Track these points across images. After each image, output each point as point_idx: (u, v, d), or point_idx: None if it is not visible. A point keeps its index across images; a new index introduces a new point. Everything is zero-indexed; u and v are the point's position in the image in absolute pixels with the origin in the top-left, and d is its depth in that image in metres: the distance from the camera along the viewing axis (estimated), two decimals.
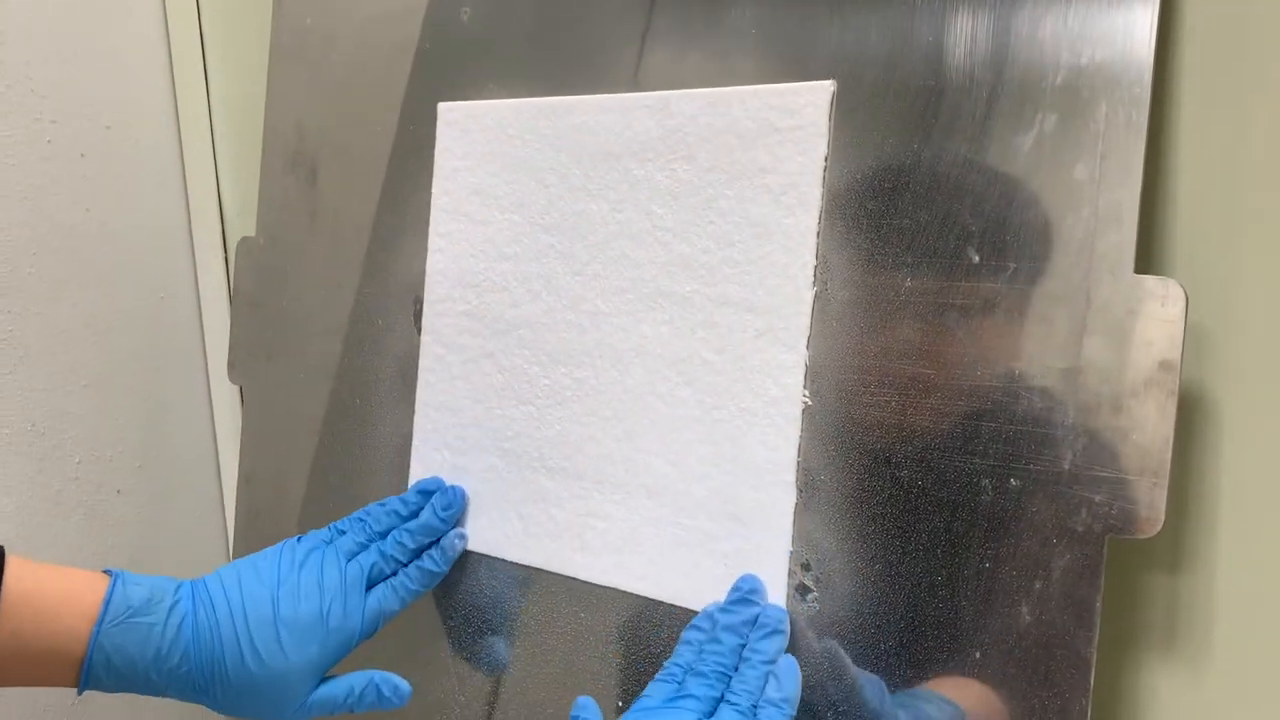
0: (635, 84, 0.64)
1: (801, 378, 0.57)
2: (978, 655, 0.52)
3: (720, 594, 0.58)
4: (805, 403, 0.57)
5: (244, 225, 0.89)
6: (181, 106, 0.90)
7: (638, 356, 0.63)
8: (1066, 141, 0.50)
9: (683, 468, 0.61)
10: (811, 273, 0.57)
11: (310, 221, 0.80)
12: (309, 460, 0.80)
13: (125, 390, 0.86)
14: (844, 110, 0.56)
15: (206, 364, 0.92)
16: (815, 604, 0.57)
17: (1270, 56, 0.50)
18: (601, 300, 0.64)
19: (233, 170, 0.90)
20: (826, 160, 0.56)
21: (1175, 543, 0.53)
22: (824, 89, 0.57)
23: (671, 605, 0.61)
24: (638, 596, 0.62)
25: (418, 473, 0.73)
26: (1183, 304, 0.47)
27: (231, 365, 0.85)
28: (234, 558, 0.84)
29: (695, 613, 0.59)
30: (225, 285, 0.90)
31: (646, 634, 0.62)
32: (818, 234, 0.57)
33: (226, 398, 0.92)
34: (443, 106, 0.72)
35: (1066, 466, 0.50)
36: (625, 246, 0.63)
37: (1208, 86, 0.52)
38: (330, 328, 0.79)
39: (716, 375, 0.60)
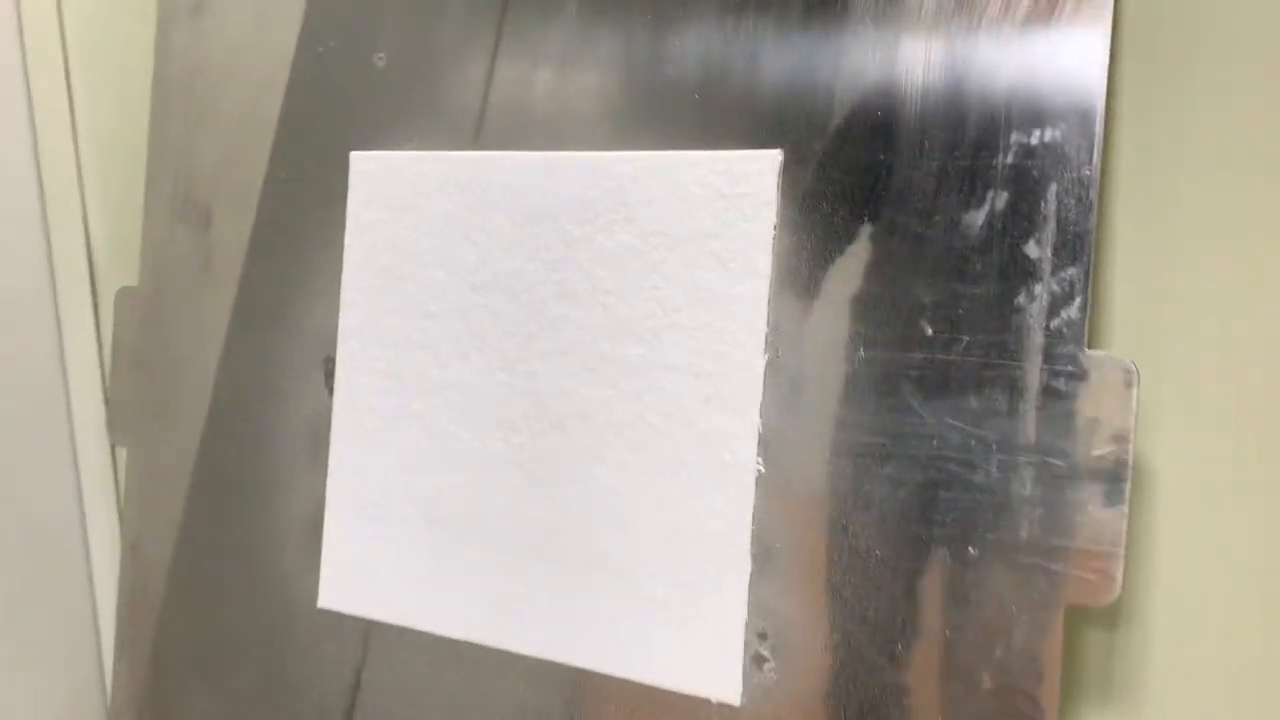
0: (565, 143, 0.63)
1: (754, 445, 0.57)
2: None
3: (674, 666, 0.57)
4: (758, 470, 0.57)
5: (118, 273, 0.82)
6: (42, 142, 0.83)
7: (580, 421, 0.61)
8: (1018, 219, 0.51)
9: (631, 536, 0.60)
10: (763, 340, 0.57)
11: (203, 271, 0.75)
12: (206, 528, 0.74)
13: None
14: (790, 179, 0.56)
15: (71, 424, 0.84)
16: (772, 674, 0.56)
17: (1206, 135, 0.53)
18: (539, 362, 0.62)
19: (104, 213, 0.83)
20: (775, 229, 0.56)
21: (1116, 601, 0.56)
22: (772, 157, 0.57)
23: (624, 679, 0.60)
24: (584, 670, 0.61)
25: (333, 542, 0.69)
26: (1134, 379, 0.49)
27: (112, 424, 0.79)
28: (118, 633, 0.78)
29: (647, 687, 0.58)
30: (95, 339, 0.83)
31: (595, 710, 0.61)
32: (768, 301, 0.57)
33: (97, 461, 0.84)
34: (355, 156, 0.69)
35: (1025, 536, 0.51)
36: (564, 308, 0.62)
37: (1143, 164, 0.54)
38: (228, 385, 0.74)
39: (665, 441, 0.59)
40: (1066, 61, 0.51)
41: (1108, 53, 0.50)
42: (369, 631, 0.68)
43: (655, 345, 0.59)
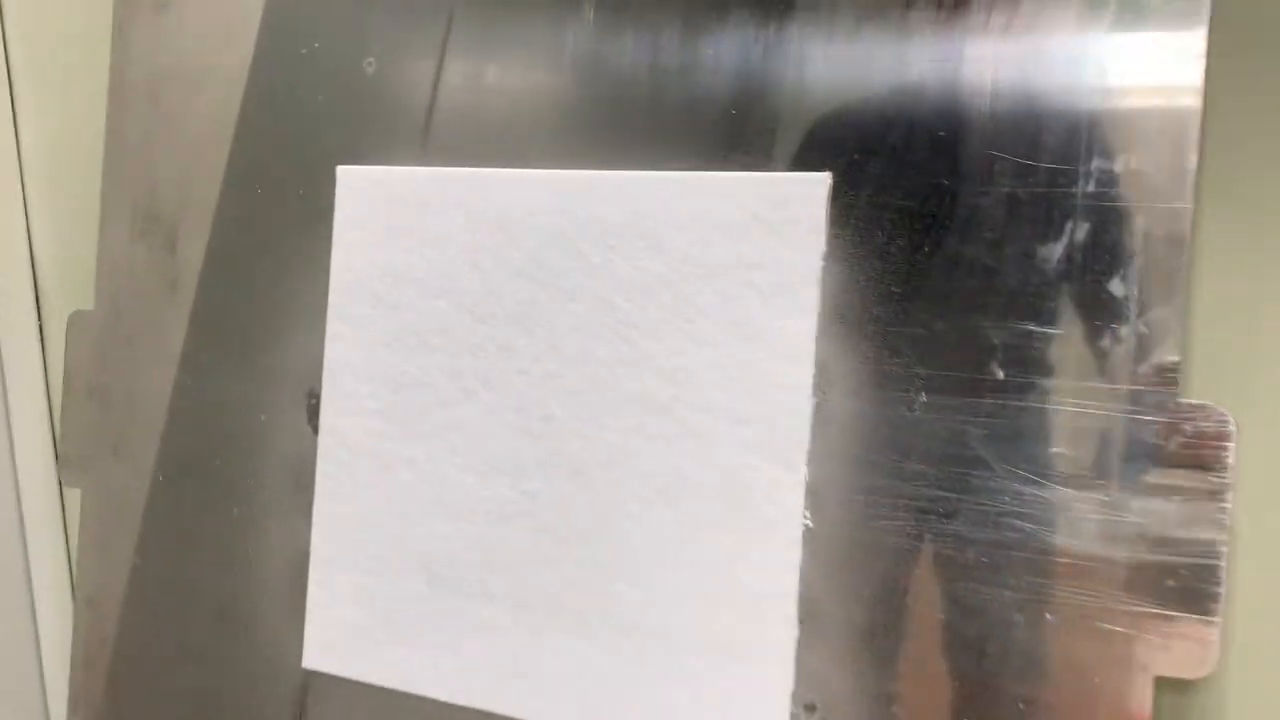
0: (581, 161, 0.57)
1: (801, 497, 0.51)
2: None
3: None
4: (806, 525, 0.51)
5: (67, 296, 0.74)
6: None
7: (603, 469, 0.55)
8: (1100, 253, 0.47)
9: (662, 598, 0.54)
10: (810, 382, 0.51)
11: (170, 294, 0.68)
12: (170, 579, 0.67)
13: None
14: (841, 204, 0.51)
15: (14, 463, 0.76)
16: None
17: None
18: (555, 403, 0.56)
19: (51, 230, 0.76)
20: (824, 259, 0.51)
21: None
22: (820, 181, 0.51)
23: None
24: None
25: (318, 598, 0.62)
26: (1232, 430, 0.45)
27: (64, 463, 0.71)
28: (71, 695, 0.70)
29: None
30: (42, 368, 0.75)
31: None
32: (816, 339, 0.51)
33: (44, 505, 0.76)
34: (343, 172, 0.62)
35: (1109, 601, 0.47)
36: (584, 343, 0.56)
37: (1228, 196, 0.50)
38: (197, 421, 0.67)
39: (699, 492, 0.53)
40: (1157, 81, 0.46)
41: (1203, 73, 0.46)
42: (353, 697, 0.61)
43: (688, 385, 0.54)
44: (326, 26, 0.63)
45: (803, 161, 0.52)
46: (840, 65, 0.52)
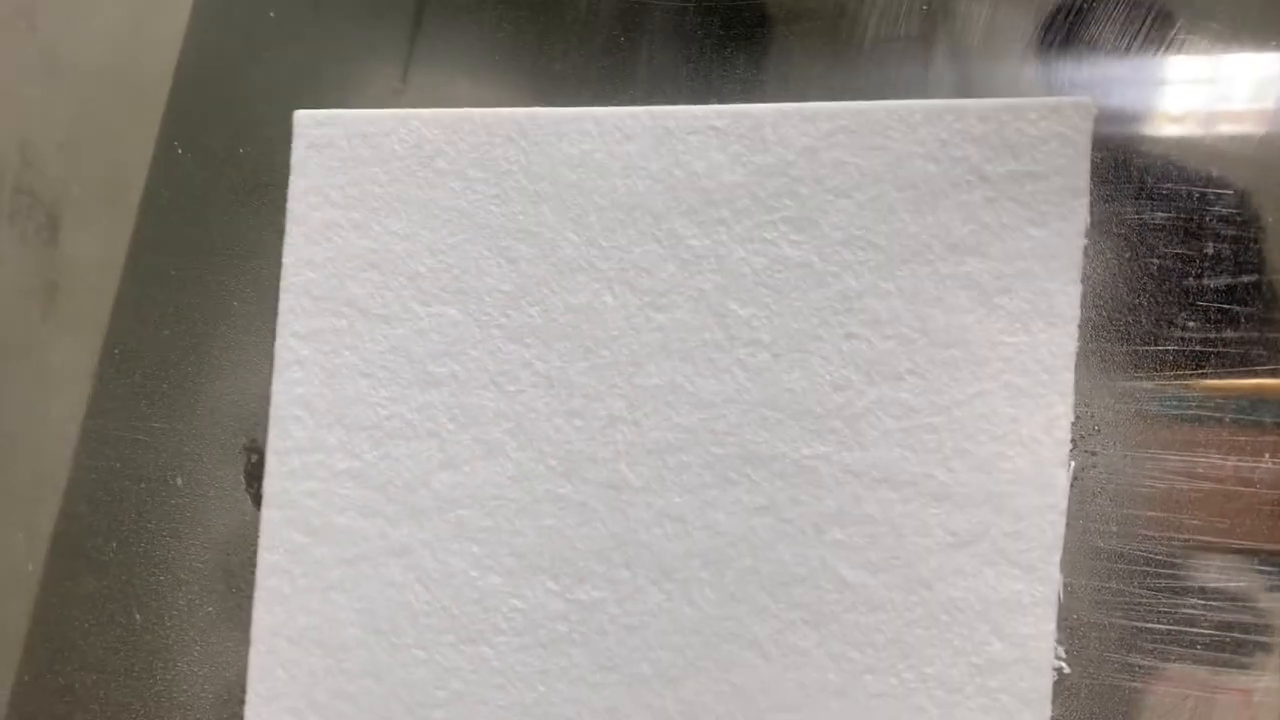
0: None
1: (1051, 627, 0.31)
2: None
3: None
4: (1059, 667, 0.31)
5: None
6: None
7: (708, 571, 0.35)
8: None
9: None
10: (1066, 435, 0.31)
11: (46, 301, 0.47)
12: (45, 704, 0.46)
13: None
14: (1109, 148, 0.32)
15: None
16: None
17: None
18: (628, 466, 0.36)
19: None
20: (1087, 232, 0.32)
21: None
22: (1083, 108, 0.32)
23: None
24: None
25: None
26: None
27: None
28: None
29: None
30: None
31: None
32: (1074, 364, 0.32)
33: None
34: (301, 115, 0.42)
35: None
36: (675, 371, 0.36)
37: None
38: (82, 481, 0.46)
39: (875, 614, 0.33)
40: None
41: None
42: None
43: (852, 441, 0.34)
44: None
45: (1046, 83, 0.33)
46: None
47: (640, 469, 0.36)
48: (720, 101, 0.36)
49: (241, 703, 0.41)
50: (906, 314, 0.33)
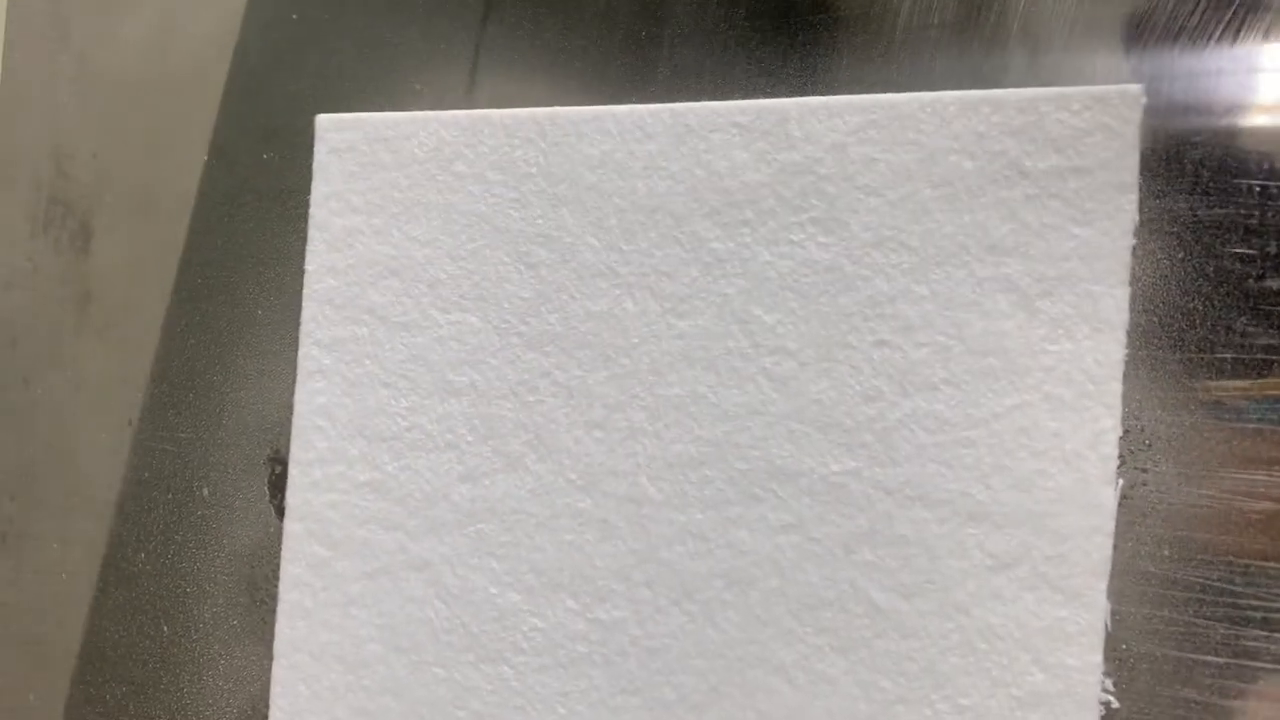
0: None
1: (1098, 658, 0.29)
2: None
3: None
4: (1107, 701, 0.29)
5: None
6: None
7: (732, 592, 0.33)
8: None
9: None
10: (1113, 450, 0.29)
11: (78, 312, 0.47)
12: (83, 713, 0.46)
13: None
14: (1159, 140, 0.29)
15: None
16: None
17: None
18: (649, 480, 0.35)
19: None
20: (1135, 231, 0.29)
21: None
22: (1130, 97, 0.29)
23: None
24: None
25: None
26: None
27: None
28: None
29: None
30: None
31: None
32: (1122, 373, 0.29)
33: None
34: (323, 120, 0.41)
35: None
36: (697, 380, 0.34)
37: None
38: (112, 494, 0.45)
39: (907, 641, 0.31)
40: None
41: None
42: None
43: (883, 456, 0.31)
44: None
45: (1074, 72, 0.30)
46: None
47: (661, 483, 0.34)
48: (744, 97, 0.34)
49: (265, 718, 0.41)
50: (941, 320, 0.31)
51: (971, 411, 0.30)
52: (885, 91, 0.32)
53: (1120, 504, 0.29)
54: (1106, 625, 0.29)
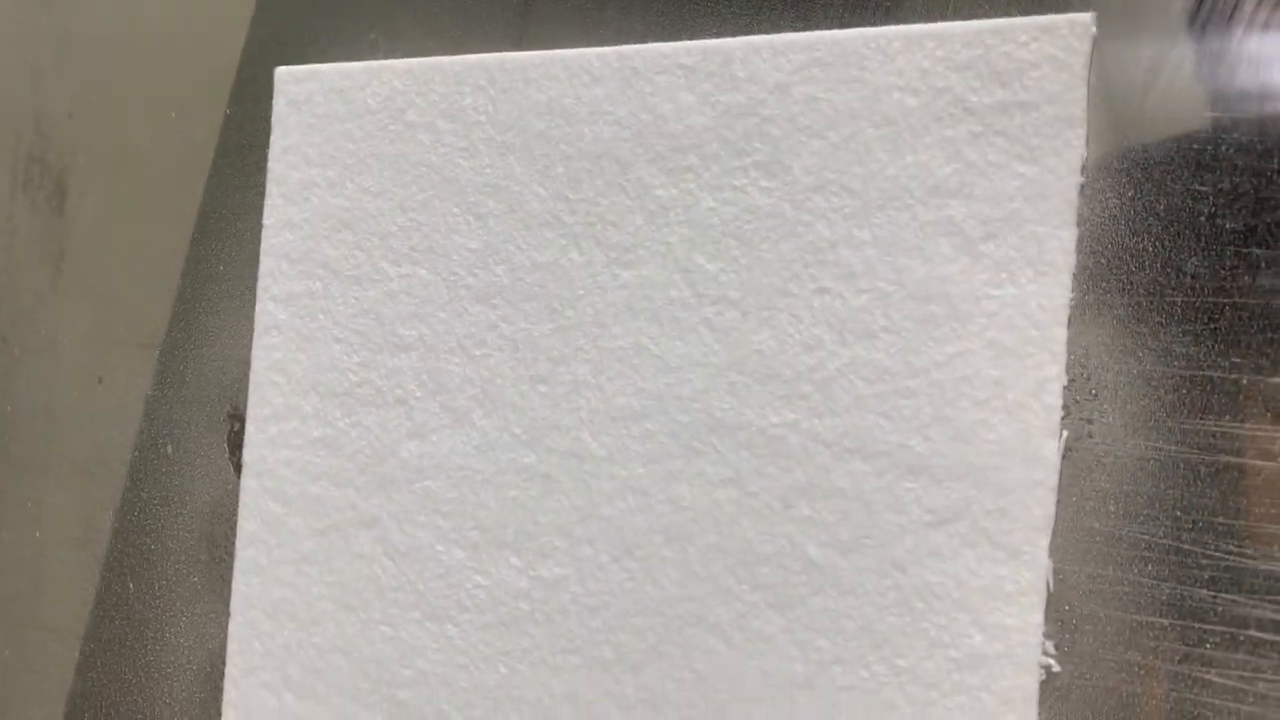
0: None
1: (1038, 618, 0.28)
2: None
3: None
4: (1047, 665, 0.28)
5: None
6: None
7: (671, 548, 0.32)
8: None
9: None
10: (1057, 400, 0.28)
11: (54, 271, 0.47)
12: (53, 683, 0.46)
13: None
14: (1109, 72, 0.28)
15: None
16: None
17: None
18: (592, 434, 0.34)
19: None
20: (1084, 167, 0.28)
21: None
22: (1080, 26, 0.28)
23: None
24: None
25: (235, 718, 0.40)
26: None
27: None
28: None
29: None
30: None
31: None
32: (1067, 318, 0.28)
33: None
34: (282, 72, 0.41)
35: None
36: (640, 331, 0.33)
37: None
38: (83, 452, 0.46)
39: (844, 599, 0.30)
40: None
41: None
42: None
43: (822, 407, 0.30)
44: None
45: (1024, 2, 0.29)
46: None
47: (604, 438, 0.33)
48: (691, 38, 0.33)
49: (220, 666, 0.41)
50: (882, 265, 0.30)
51: (912, 360, 0.29)
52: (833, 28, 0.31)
53: (1064, 456, 0.27)
54: (1048, 584, 0.27)
